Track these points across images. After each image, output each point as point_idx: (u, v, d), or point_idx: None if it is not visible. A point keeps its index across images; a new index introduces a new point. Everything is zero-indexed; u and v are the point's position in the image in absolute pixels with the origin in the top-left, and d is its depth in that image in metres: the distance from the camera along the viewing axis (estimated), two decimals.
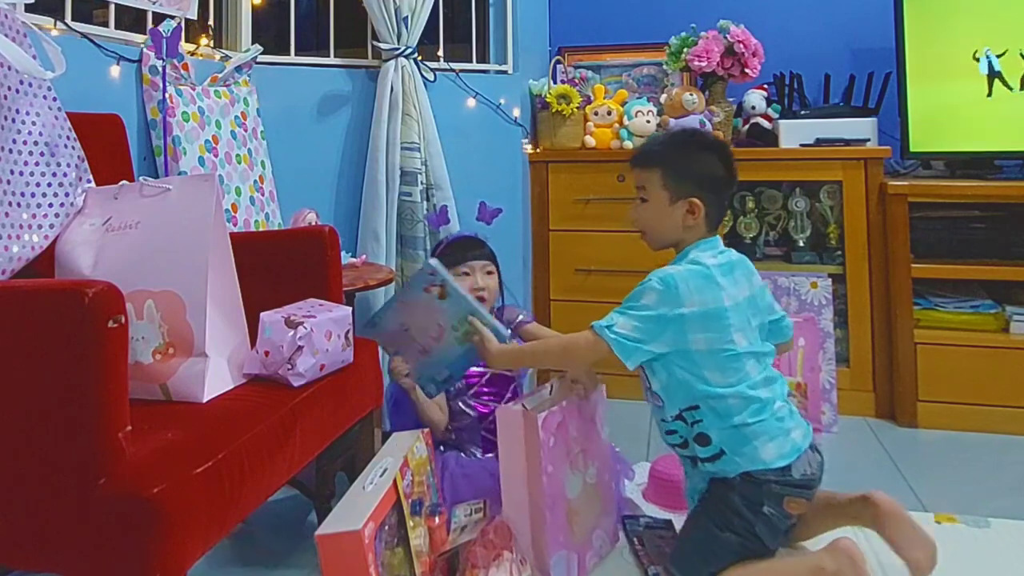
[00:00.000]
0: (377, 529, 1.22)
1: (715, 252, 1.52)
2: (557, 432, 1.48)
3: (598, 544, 1.59)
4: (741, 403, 1.41)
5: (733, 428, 1.41)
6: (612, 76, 2.99)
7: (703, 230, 1.53)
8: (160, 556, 0.99)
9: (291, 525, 1.84)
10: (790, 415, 1.46)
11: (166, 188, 1.44)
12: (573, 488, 1.53)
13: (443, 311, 1.76)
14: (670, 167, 1.52)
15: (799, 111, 2.66)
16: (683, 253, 1.53)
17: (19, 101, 1.43)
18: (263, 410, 1.28)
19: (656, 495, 1.84)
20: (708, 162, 1.53)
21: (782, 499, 1.40)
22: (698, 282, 1.44)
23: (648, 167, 1.55)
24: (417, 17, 2.41)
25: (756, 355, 1.46)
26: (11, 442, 1.05)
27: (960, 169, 2.53)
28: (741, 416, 1.41)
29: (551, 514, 1.45)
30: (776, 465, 1.40)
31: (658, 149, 1.58)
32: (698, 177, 1.52)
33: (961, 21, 2.49)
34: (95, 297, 1.00)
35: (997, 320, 2.35)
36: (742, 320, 1.46)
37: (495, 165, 2.59)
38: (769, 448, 1.40)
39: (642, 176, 1.56)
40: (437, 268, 1.74)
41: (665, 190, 1.52)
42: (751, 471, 1.40)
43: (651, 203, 1.54)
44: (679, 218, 1.52)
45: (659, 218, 1.54)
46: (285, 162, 2.32)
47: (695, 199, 1.50)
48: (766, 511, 1.40)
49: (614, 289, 2.64)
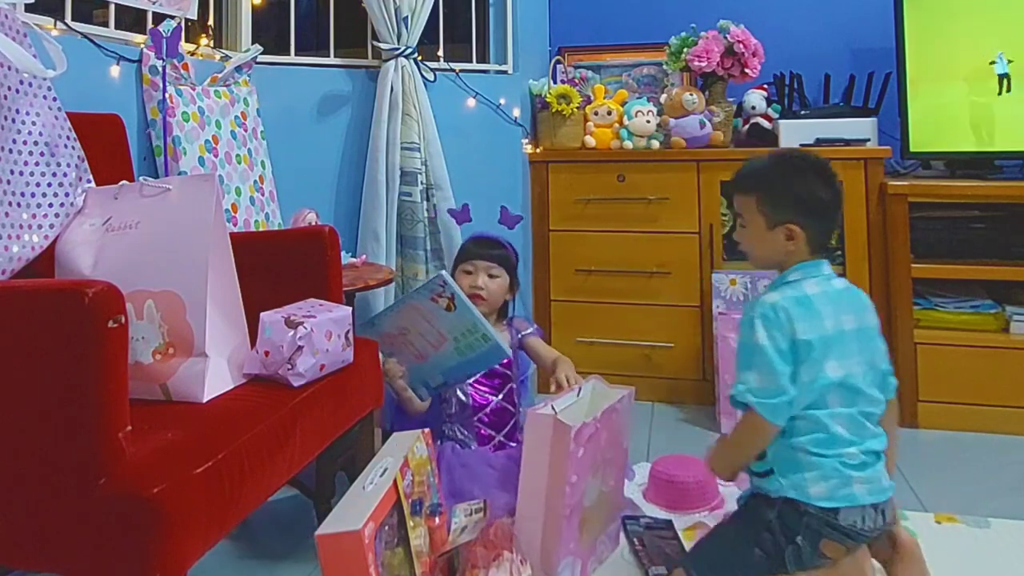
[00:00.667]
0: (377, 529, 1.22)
1: (819, 279, 1.43)
2: (588, 443, 1.46)
3: (600, 548, 1.59)
4: (807, 425, 1.35)
5: (790, 448, 1.35)
6: (612, 76, 2.99)
7: (805, 254, 1.44)
8: (160, 556, 0.99)
9: (291, 525, 1.84)
10: (862, 468, 1.35)
11: (166, 188, 1.44)
12: (591, 496, 1.51)
13: (447, 321, 1.77)
14: (766, 192, 1.45)
15: (799, 111, 2.66)
16: (781, 278, 1.45)
17: (19, 101, 1.43)
18: (263, 410, 1.28)
19: (656, 495, 1.84)
20: (807, 184, 1.44)
21: (820, 538, 1.33)
22: (797, 310, 1.37)
23: (745, 192, 1.48)
24: (417, 17, 2.41)
25: (852, 390, 1.37)
26: (11, 442, 1.05)
27: (960, 169, 2.53)
28: (801, 440, 1.34)
29: (567, 522, 1.43)
30: (820, 504, 1.33)
31: (754, 173, 1.50)
32: (796, 201, 1.43)
33: (961, 21, 2.49)
34: (95, 297, 1.00)
35: (997, 320, 2.35)
36: (841, 350, 1.37)
37: (495, 165, 2.59)
38: (819, 486, 1.33)
39: (739, 201, 1.49)
40: (447, 280, 1.75)
41: (762, 216, 1.45)
42: (794, 499, 1.34)
43: (749, 229, 1.48)
44: (779, 243, 1.44)
45: (759, 243, 1.47)
46: (285, 162, 2.32)
47: (793, 225, 1.42)
48: (799, 542, 1.33)
49: (614, 289, 2.66)
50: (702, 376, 2.57)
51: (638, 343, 2.62)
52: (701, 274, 2.56)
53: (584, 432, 1.44)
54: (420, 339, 1.83)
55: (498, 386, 1.92)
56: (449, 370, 1.85)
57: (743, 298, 2.44)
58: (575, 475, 1.43)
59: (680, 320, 2.59)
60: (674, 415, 2.51)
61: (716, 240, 2.56)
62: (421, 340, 1.83)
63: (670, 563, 1.56)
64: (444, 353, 1.81)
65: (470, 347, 1.79)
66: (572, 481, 1.42)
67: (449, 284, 1.74)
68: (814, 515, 1.33)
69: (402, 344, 1.86)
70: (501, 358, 1.85)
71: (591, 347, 2.63)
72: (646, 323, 2.62)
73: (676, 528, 1.70)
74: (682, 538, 1.67)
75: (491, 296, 1.96)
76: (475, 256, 1.99)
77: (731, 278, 2.47)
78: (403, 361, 1.85)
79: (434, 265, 2.43)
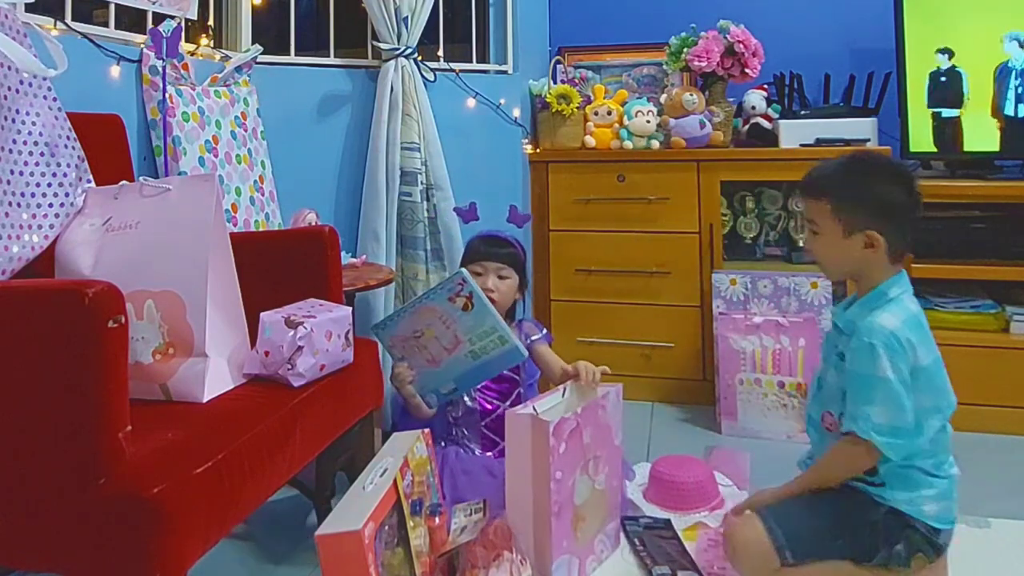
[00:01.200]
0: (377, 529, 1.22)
1: (911, 292, 1.39)
2: (570, 439, 1.46)
3: (599, 548, 1.59)
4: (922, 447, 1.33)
5: (905, 467, 1.34)
6: (612, 76, 2.99)
7: (885, 262, 1.38)
8: (160, 556, 0.99)
9: (291, 525, 1.84)
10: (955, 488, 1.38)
11: (166, 188, 1.44)
12: (582, 494, 1.51)
13: (464, 323, 1.72)
14: (841, 197, 1.37)
15: (799, 111, 2.66)
16: (879, 292, 1.38)
17: (19, 101, 1.43)
18: (263, 410, 1.28)
19: (656, 495, 1.83)
20: (884, 188, 1.37)
21: (917, 551, 1.33)
22: (916, 334, 1.34)
23: (816, 197, 1.40)
24: (417, 17, 2.41)
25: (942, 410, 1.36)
26: (11, 442, 1.05)
27: (960, 169, 2.53)
28: (917, 460, 1.34)
29: (557, 520, 1.43)
30: (931, 522, 1.34)
31: (826, 177, 1.42)
32: (874, 206, 1.36)
33: (961, 21, 2.49)
34: (95, 297, 1.00)
35: (997, 320, 2.35)
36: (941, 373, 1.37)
37: (495, 165, 2.59)
38: (933, 505, 1.34)
39: (811, 207, 1.42)
40: (467, 279, 1.70)
41: (837, 222, 1.37)
42: (904, 512, 1.34)
43: (823, 236, 1.40)
44: (856, 252, 1.37)
45: (834, 252, 1.40)
46: (285, 162, 2.32)
47: (873, 231, 1.35)
48: (898, 550, 1.33)
49: (614, 289, 2.66)
50: (702, 376, 2.57)
51: (638, 343, 2.62)
52: (701, 274, 2.56)
53: (564, 427, 1.44)
54: (435, 343, 1.76)
55: (506, 391, 1.90)
56: (462, 376, 1.78)
57: (743, 298, 2.44)
58: (559, 472, 1.43)
59: (680, 320, 2.59)
60: (674, 415, 2.51)
61: (716, 240, 2.56)
62: (435, 344, 1.76)
63: (672, 563, 1.56)
64: (458, 357, 1.75)
65: (484, 349, 1.73)
66: (557, 478, 1.42)
67: (468, 283, 1.69)
68: (919, 530, 1.33)
69: (415, 348, 1.79)
70: (517, 360, 1.78)
71: (591, 347, 2.63)
72: (646, 323, 2.62)
73: (676, 528, 1.70)
74: (682, 538, 1.67)
75: (502, 298, 1.90)
76: (484, 256, 1.92)
77: (731, 278, 2.47)
78: (415, 366, 1.79)
79: (434, 265, 2.42)
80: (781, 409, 2.30)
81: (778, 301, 2.41)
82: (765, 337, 2.34)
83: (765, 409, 2.32)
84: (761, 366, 2.33)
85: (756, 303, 2.43)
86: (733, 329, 2.37)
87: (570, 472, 1.47)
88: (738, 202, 2.70)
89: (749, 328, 2.35)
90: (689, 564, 1.56)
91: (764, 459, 1.93)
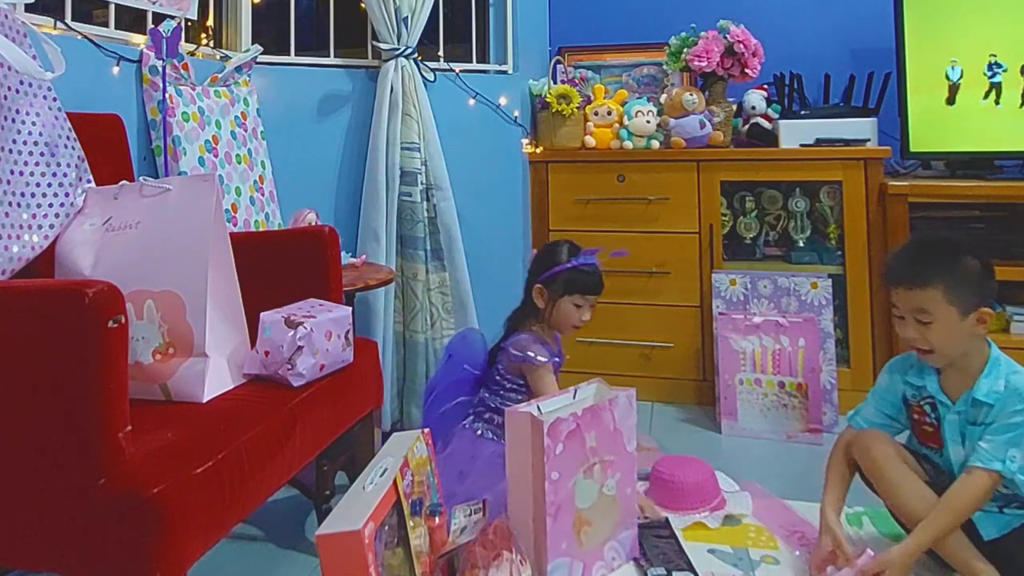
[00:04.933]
0: (377, 529, 1.22)
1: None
2: (568, 440, 1.45)
3: (610, 556, 1.56)
4: None
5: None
6: (612, 76, 2.99)
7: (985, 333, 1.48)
8: (160, 556, 0.99)
9: (291, 525, 1.84)
10: None
11: (166, 188, 1.44)
12: (585, 498, 1.50)
13: None
14: (952, 281, 1.43)
15: (799, 111, 2.66)
16: (994, 363, 1.48)
17: (19, 101, 1.43)
18: (263, 410, 1.28)
19: (656, 495, 1.83)
20: (973, 263, 1.46)
21: None
22: None
23: (923, 286, 1.44)
24: (417, 17, 2.41)
25: None
26: (11, 442, 1.05)
27: (960, 169, 2.53)
28: None
29: (553, 521, 1.43)
30: None
31: (925, 263, 1.47)
32: (978, 284, 1.45)
33: (961, 21, 2.49)
34: (95, 297, 1.00)
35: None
36: None
37: (495, 165, 2.59)
38: None
39: (918, 297, 1.45)
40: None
41: (952, 306, 1.43)
42: None
43: (939, 323, 1.44)
44: (969, 330, 1.45)
45: (953, 336, 1.45)
46: (285, 162, 2.32)
47: (985, 308, 1.44)
48: None
49: (614, 289, 2.64)
50: (702, 376, 2.57)
51: (638, 343, 2.62)
52: (701, 274, 2.56)
53: (560, 427, 1.43)
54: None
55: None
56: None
57: (743, 298, 2.44)
58: (556, 472, 1.43)
59: (680, 320, 2.59)
60: (674, 415, 2.51)
61: (716, 240, 2.56)
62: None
63: (669, 563, 1.56)
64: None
65: None
66: (553, 478, 1.42)
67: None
68: None
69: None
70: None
71: (591, 347, 2.63)
72: (646, 323, 2.62)
73: (674, 527, 1.70)
74: (680, 538, 1.66)
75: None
76: (592, 291, 1.93)
77: (731, 278, 2.47)
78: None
79: (434, 265, 2.42)
80: (781, 409, 2.30)
81: (778, 301, 2.41)
82: (765, 337, 2.34)
83: (765, 409, 2.32)
84: (761, 366, 2.33)
85: (756, 303, 2.43)
86: (733, 329, 2.37)
87: (569, 474, 1.47)
88: (738, 202, 2.70)
89: (749, 328, 2.35)
90: (686, 564, 1.55)
91: (764, 459, 1.93)
